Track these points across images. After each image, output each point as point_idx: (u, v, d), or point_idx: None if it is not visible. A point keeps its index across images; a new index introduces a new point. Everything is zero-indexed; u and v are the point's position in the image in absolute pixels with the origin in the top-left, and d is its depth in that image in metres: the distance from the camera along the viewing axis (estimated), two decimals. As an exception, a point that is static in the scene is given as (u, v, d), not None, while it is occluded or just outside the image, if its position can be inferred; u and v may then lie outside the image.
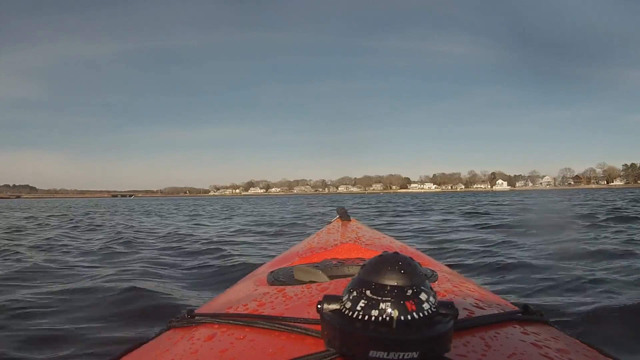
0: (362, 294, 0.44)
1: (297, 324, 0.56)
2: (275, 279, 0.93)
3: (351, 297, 0.45)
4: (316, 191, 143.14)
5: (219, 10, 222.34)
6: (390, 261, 0.45)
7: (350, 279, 0.48)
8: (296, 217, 11.35)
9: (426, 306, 0.43)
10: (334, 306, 0.46)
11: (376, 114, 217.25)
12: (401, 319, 0.42)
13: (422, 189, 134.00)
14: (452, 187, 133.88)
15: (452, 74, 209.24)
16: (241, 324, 0.61)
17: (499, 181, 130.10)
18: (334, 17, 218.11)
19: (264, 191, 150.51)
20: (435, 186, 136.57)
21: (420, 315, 0.42)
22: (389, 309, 0.42)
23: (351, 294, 0.45)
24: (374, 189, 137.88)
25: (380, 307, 0.42)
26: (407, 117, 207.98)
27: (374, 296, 0.43)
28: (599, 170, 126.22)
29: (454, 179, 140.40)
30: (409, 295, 0.43)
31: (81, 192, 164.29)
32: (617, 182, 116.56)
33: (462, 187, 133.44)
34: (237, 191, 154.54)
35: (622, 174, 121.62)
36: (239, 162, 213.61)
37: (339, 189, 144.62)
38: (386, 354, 0.41)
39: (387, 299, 0.43)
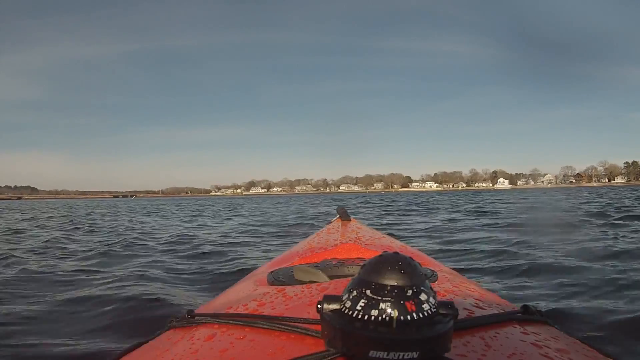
0: (362, 294, 0.44)
1: (297, 324, 0.57)
2: (275, 279, 0.94)
3: (351, 297, 0.45)
4: (317, 190, 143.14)
5: (219, 10, 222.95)
6: (390, 261, 0.45)
7: (350, 279, 0.48)
8: (301, 217, 11.13)
9: (426, 306, 0.43)
10: (334, 306, 0.46)
11: (377, 114, 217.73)
12: (401, 319, 0.42)
13: (424, 187, 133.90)
14: (453, 186, 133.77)
15: (452, 73, 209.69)
16: (241, 324, 0.61)
17: (501, 179, 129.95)
18: (334, 17, 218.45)
19: (266, 191, 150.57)
20: (436, 185, 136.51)
21: (420, 315, 0.42)
22: (389, 309, 0.42)
23: (351, 294, 0.45)
24: (375, 188, 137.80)
25: (380, 307, 0.42)
26: (407, 116, 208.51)
27: (374, 296, 0.43)
28: (600, 168, 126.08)
29: (455, 177, 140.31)
30: (409, 295, 0.43)
31: (82, 192, 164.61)
32: (619, 180, 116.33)
33: (464, 185, 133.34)
34: (239, 191, 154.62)
35: (623, 171, 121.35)
36: (240, 162, 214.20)
37: (340, 188, 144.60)
38: (386, 354, 0.41)
39: (387, 299, 0.43)
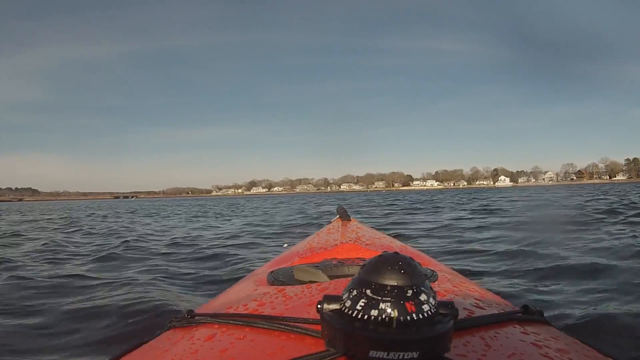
0: (362, 294, 0.44)
1: (297, 324, 0.57)
2: (275, 279, 0.94)
3: (351, 297, 0.45)
4: (318, 190, 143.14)
5: (219, 10, 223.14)
6: (390, 261, 0.45)
7: (350, 279, 0.48)
8: (306, 217, 10.95)
9: (426, 306, 0.43)
10: (334, 306, 0.46)
11: (377, 113, 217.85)
12: (401, 319, 0.42)
13: (425, 186, 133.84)
14: (454, 184, 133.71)
15: (453, 72, 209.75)
16: (241, 324, 0.61)
17: (502, 177, 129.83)
18: (335, 17, 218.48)
19: (267, 190, 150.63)
20: (437, 183, 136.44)
21: (420, 315, 0.42)
22: (389, 309, 0.42)
23: (351, 294, 0.45)
24: (376, 187, 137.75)
25: (380, 307, 0.42)
26: (408, 115, 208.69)
27: (374, 296, 0.43)
28: (601, 165, 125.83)
29: (456, 175, 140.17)
30: (409, 295, 0.43)
31: (83, 194, 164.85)
32: (620, 177, 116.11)
33: (465, 183, 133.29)
34: (240, 191, 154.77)
35: (624, 168, 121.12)
36: (241, 162, 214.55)
37: (342, 187, 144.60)
38: (386, 354, 0.41)
39: (387, 299, 0.43)
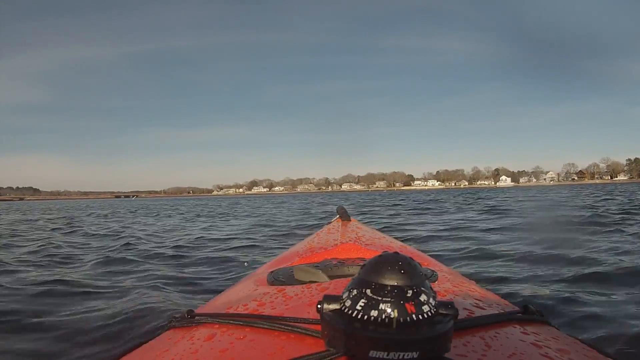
0: (362, 294, 0.44)
1: (297, 324, 0.57)
2: (275, 279, 0.94)
3: (351, 297, 0.45)
4: (319, 189, 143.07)
5: (220, 11, 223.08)
6: (390, 261, 0.46)
7: (350, 279, 0.48)
8: (311, 217, 10.66)
9: (426, 307, 0.43)
10: (334, 306, 0.46)
11: (378, 112, 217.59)
12: (401, 319, 0.42)
13: (426, 186, 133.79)
14: (455, 184, 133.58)
15: (454, 70, 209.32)
16: (241, 324, 0.61)
17: (503, 177, 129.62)
18: (335, 17, 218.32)
19: (268, 190, 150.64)
20: (438, 183, 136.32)
21: (420, 315, 0.42)
22: (389, 309, 0.42)
23: (351, 294, 0.45)
24: (377, 187, 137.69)
25: (380, 307, 0.42)
26: (409, 115, 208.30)
27: (374, 296, 0.43)
28: (602, 165, 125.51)
29: (457, 175, 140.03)
30: (409, 295, 0.43)
31: (84, 193, 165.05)
32: (621, 177, 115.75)
33: (466, 183, 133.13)
34: (241, 190, 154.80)
35: (626, 168, 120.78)
36: (242, 162, 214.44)
37: (343, 187, 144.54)
38: (386, 354, 0.41)
39: (387, 299, 0.43)
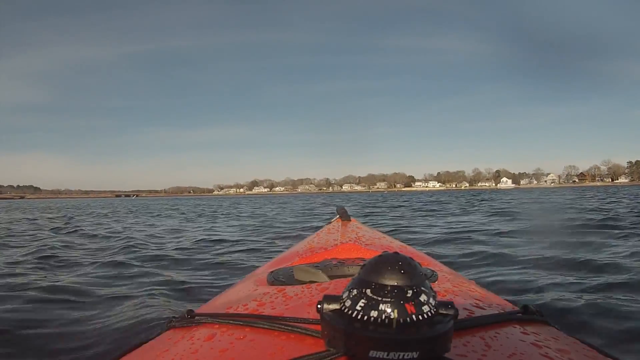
0: (362, 294, 0.44)
1: (297, 324, 0.57)
2: (275, 279, 0.94)
3: (351, 297, 0.45)
4: (320, 190, 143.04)
5: (220, 11, 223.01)
6: (390, 261, 0.45)
7: (350, 279, 0.48)
8: (315, 218, 10.39)
9: (426, 307, 0.43)
10: (334, 306, 0.46)
11: (379, 113, 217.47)
12: (401, 319, 0.42)
13: (427, 187, 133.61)
14: (456, 185, 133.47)
15: (454, 71, 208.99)
16: (241, 324, 0.61)
17: (504, 179, 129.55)
18: (335, 17, 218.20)
19: (268, 190, 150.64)
20: (439, 184, 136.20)
21: (420, 315, 0.42)
22: (389, 309, 0.42)
23: (351, 294, 0.45)
24: (378, 188, 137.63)
25: (380, 307, 0.42)
26: (409, 115, 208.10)
27: (374, 296, 0.43)
28: (603, 167, 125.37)
29: (458, 177, 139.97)
30: (409, 295, 0.43)
31: (85, 192, 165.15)
32: (622, 180, 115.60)
33: (467, 185, 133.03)
34: (241, 190, 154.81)
35: (626, 171, 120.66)
36: (243, 162, 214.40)
37: (343, 187, 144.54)
38: (386, 354, 0.41)
39: (387, 299, 0.43)
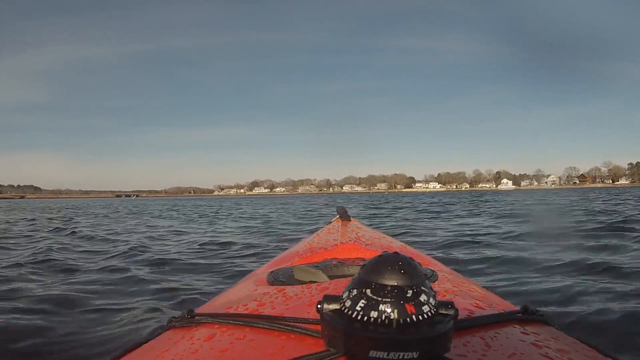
0: (362, 294, 0.44)
1: (297, 324, 0.56)
2: (275, 279, 0.94)
3: (351, 297, 0.45)
4: (320, 191, 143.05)
5: (221, 11, 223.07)
6: (390, 261, 0.45)
7: (350, 279, 0.48)
8: (321, 220, 10.02)
9: (426, 307, 0.43)
10: (334, 306, 0.46)
11: (379, 113, 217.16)
12: (401, 319, 0.42)
13: (427, 188, 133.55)
14: (457, 187, 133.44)
15: (455, 71, 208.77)
16: (241, 324, 0.61)
17: (504, 180, 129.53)
18: (337, 17, 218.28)
19: (269, 191, 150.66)
20: (440, 185, 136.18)
21: (420, 315, 0.42)
22: (389, 309, 0.42)
23: (351, 294, 0.45)
24: (378, 189, 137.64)
25: (380, 307, 0.42)
26: (410, 115, 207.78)
27: (374, 296, 0.43)
28: (604, 169, 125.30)
29: (458, 178, 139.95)
30: (409, 295, 0.43)
31: (85, 192, 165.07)
32: (623, 181, 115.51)
33: (467, 186, 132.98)
34: (242, 191, 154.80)
35: (627, 172, 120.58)
36: (243, 162, 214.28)
37: (344, 188, 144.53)
38: (386, 354, 0.41)
39: (387, 299, 0.43)
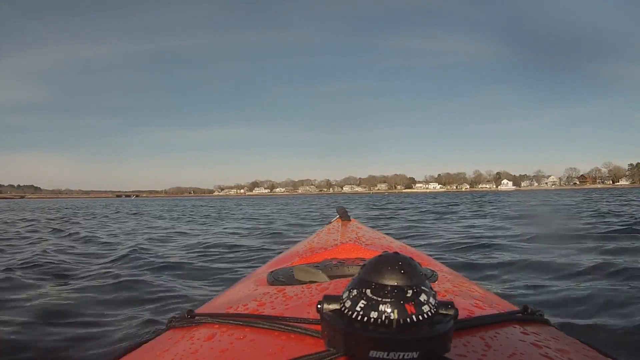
0: (362, 294, 0.44)
1: (297, 324, 0.56)
2: (275, 279, 0.94)
3: (351, 297, 0.45)
4: (321, 191, 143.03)
5: (222, 11, 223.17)
6: (390, 261, 0.45)
7: (350, 279, 0.48)
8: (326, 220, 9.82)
9: (426, 307, 0.43)
10: (334, 306, 0.46)
11: (380, 114, 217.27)
12: (401, 319, 0.42)
13: (427, 188, 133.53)
14: (457, 187, 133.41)
15: (455, 72, 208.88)
16: (241, 324, 0.61)
17: (504, 181, 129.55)
18: (338, 17, 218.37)
19: (269, 191, 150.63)
20: (440, 186, 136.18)
21: (420, 315, 0.42)
22: (389, 309, 0.42)
23: (351, 294, 0.45)
24: (378, 189, 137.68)
25: (380, 307, 0.42)
26: (410, 116, 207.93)
27: (374, 296, 0.43)
28: (604, 170, 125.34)
29: (459, 178, 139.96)
30: (409, 295, 0.43)
31: (86, 192, 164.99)
32: (623, 182, 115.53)
33: (467, 186, 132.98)
34: (242, 191, 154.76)
35: (627, 173, 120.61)
36: (243, 162, 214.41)
37: (344, 189, 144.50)
38: (386, 354, 0.41)
39: (387, 299, 0.43)
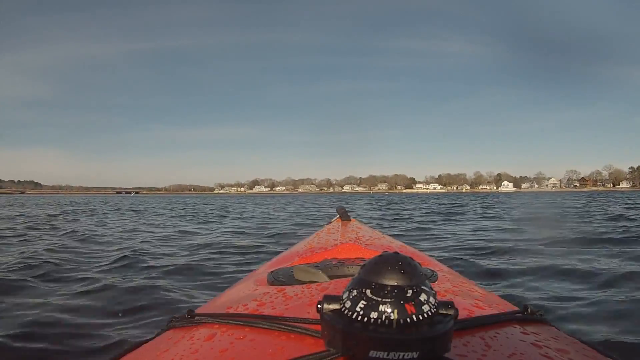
0: (362, 294, 0.44)
1: (297, 324, 0.56)
2: (275, 279, 0.93)
3: (351, 297, 0.45)
4: (321, 190, 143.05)
5: (224, 10, 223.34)
6: (390, 261, 0.45)
7: (350, 279, 0.48)
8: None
9: (426, 307, 0.43)
10: (334, 306, 0.46)
11: (381, 114, 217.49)
12: (401, 319, 0.42)
13: (428, 189, 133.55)
14: (457, 188, 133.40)
15: (456, 73, 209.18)
16: (241, 324, 0.61)
17: (505, 182, 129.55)
18: (340, 18, 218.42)
19: (269, 190, 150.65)
20: (440, 187, 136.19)
21: (420, 315, 0.42)
22: (389, 309, 0.42)
23: (351, 294, 0.45)
24: (379, 189, 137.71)
25: (380, 307, 0.42)
26: (412, 117, 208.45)
27: (374, 296, 0.43)
28: (605, 172, 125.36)
29: (459, 179, 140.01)
30: (409, 295, 0.43)
31: (86, 188, 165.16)
32: (623, 185, 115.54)
33: (468, 187, 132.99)
34: (242, 189, 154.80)
35: (628, 176, 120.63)
36: (244, 161, 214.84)
37: (344, 188, 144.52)
38: (386, 354, 0.40)
39: (387, 299, 0.42)
